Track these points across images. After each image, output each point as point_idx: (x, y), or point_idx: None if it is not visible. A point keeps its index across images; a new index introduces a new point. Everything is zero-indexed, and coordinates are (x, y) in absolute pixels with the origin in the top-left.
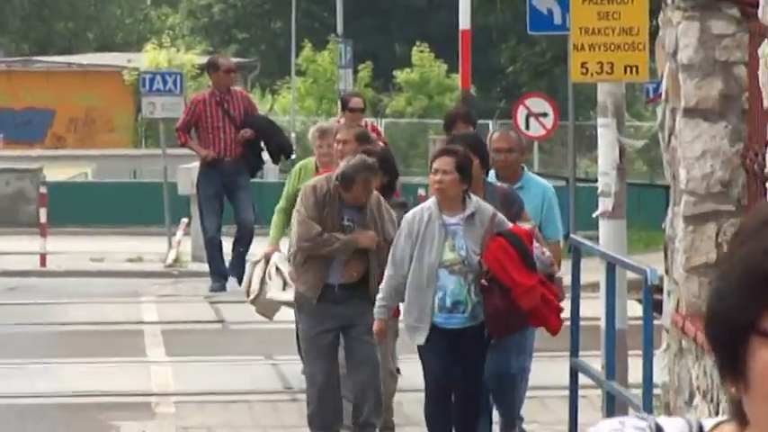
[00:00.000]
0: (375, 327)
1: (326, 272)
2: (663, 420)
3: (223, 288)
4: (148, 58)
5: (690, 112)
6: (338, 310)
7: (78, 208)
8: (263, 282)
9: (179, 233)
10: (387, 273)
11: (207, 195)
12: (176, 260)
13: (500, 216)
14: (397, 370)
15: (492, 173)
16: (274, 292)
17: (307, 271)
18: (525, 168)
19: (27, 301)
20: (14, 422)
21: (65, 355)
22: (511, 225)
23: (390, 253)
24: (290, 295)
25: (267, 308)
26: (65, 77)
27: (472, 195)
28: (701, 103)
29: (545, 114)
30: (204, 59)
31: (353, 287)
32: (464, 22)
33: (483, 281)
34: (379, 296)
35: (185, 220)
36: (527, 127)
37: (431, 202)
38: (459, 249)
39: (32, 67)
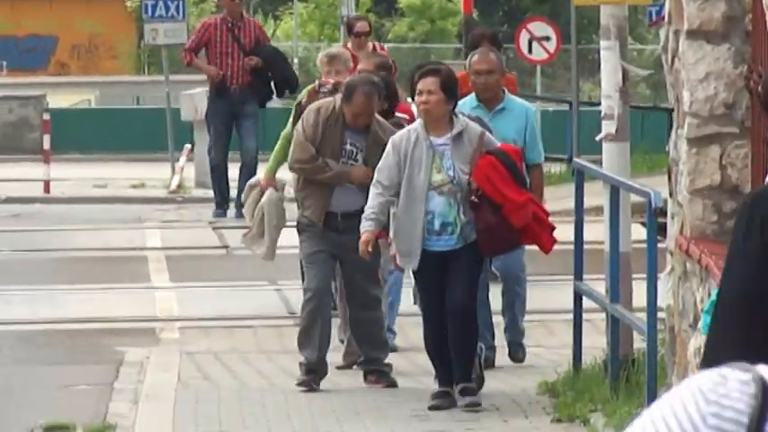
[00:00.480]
0: (363, 238)
1: (329, 199)
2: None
3: (224, 215)
4: None
5: (693, 34)
6: (340, 239)
7: (82, 135)
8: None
9: (182, 159)
10: (373, 191)
11: (215, 123)
12: (180, 186)
13: (488, 135)
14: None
15: (473, 95)
16: (251, 240)
17: (308, 196)
18: (506, 91)
19: (31, 228)
20: (18, 348)
21: (68, 282)
22: (499, 143)
23: (376, 176)
24: (262, 249)
25: (252, 245)
26: (67, 4)
27: (459, 114)
28: (705, 24)
29: (547, 38)
30: None
31: (356, 216)
32: None
33: (473, 198)
34: (366, 211)
35: (188, 146)
36: (530, 51)
37: (417, 123)
38: (447, 170)
39: None
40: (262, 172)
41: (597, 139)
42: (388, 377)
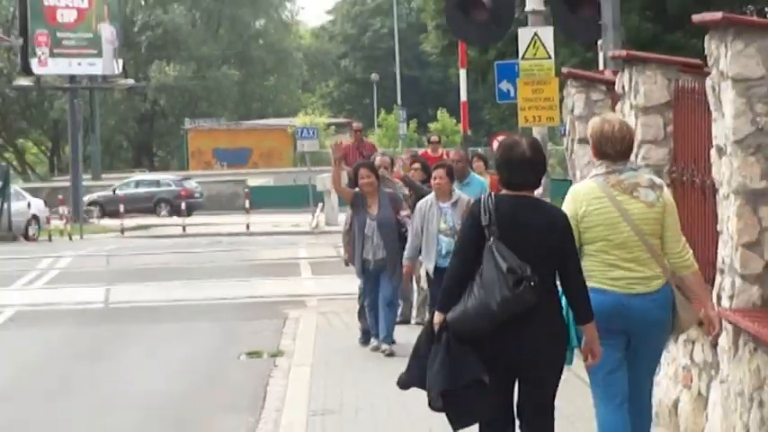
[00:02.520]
0: (405, 269)
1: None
2: None
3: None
4: (300, 120)
5: (581, 141)
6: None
7: (266, 199)
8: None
9: (317, 211)
10: (410, 238)
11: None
12: (316, 225)
13: (472, 202)
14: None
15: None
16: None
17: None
18: (471, 171)
19: (239, 249)
20: (231, 312)
21: (259, 276)
22: None
23: (410, 226)
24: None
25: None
26: (257, 131)
27: (455, 190)
28: (586, 136)
29: None
30: (330, 121)
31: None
32: (463, 96)
33: None
34: (405, 251)
35: (321, 204)
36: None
37: (431, 196)
38: (449, 222)
39: (240, 127)
40: None
41: None
42: None
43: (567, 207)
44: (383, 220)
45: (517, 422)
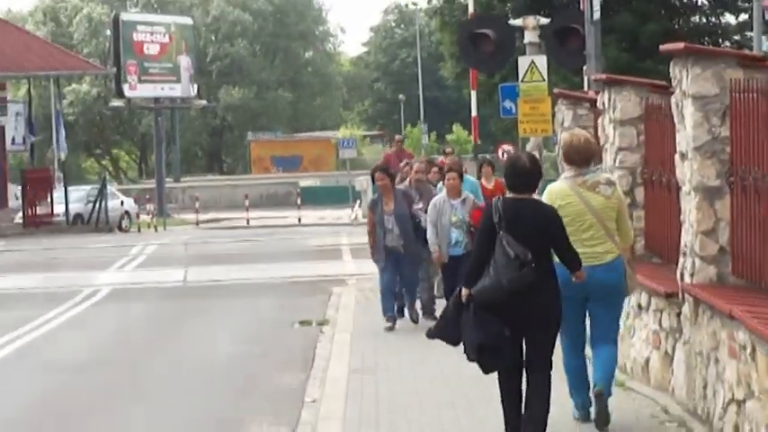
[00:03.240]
0: (435, 256)
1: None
2: None
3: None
4: (342, 132)
5: None
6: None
7: (314, 197)
8: None
9: (356, 206)
10: (429, 228)
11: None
12: (355, 218)
13: (477, 201)
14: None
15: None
16: None
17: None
18: (465, 174)
19: (290, 237)
20: (285, 289)
21: (307, 260)
22: (482, 204)
23: (428, 219)
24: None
25: None
26: (306, 142)
27: (464, 191)
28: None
29: (510, 151)
30: (365, 134)
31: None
32: (474, 112)
33: (471, 229)
34: (429, 240)
35: (358, 200)
36: (503, 156)
37: (443, 193)
38: (458, 216)
39: (293, 138)
40: None
41: None
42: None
43: (545, 201)
44: (400, 214)
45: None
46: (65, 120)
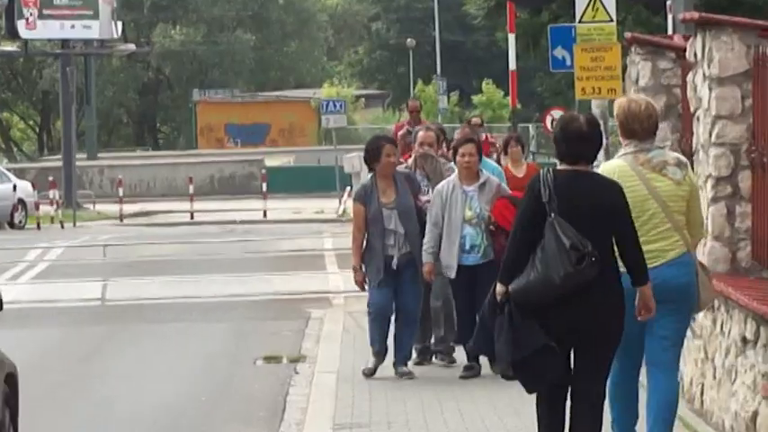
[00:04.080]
0: (426, 268)
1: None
2: None
3: None
4: (325, 91)
5: None
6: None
7: (285, 182)
8: None
9: (345, 196)
10: (428, 228)
11: None
12: (343, 212)
13: (503, 185)
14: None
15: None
16: None
17: None
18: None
19: (254, 239)
20: (248, 309)
21: (276, 270)
22: (510, 192)
23: (428, 215)
24: None
25: None
26: (275, 105)
27: (482, 170)
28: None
29: None
30: (359, 93)
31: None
32: (512, 64)
33: (491, 227)
34: (425, 246)
35: (348, 188)
36: (552, 127)
37: (453, 176)
38: (475, 208)
39: (256, 99)
40: None
41: None
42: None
43: None
44: (404, 208)
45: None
46: None
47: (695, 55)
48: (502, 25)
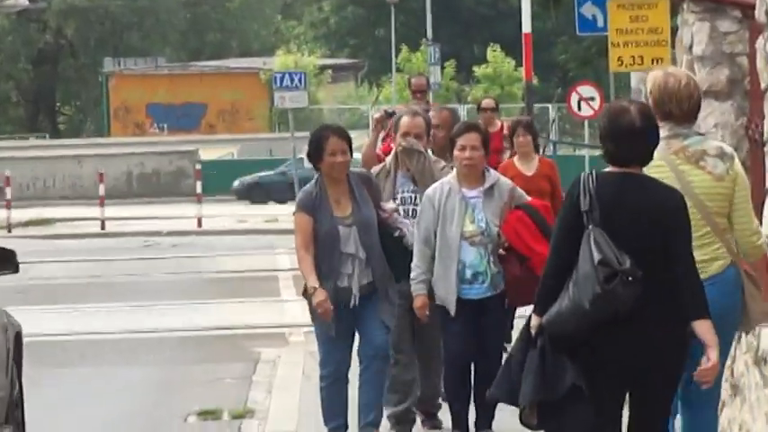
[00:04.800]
0: (417, 303)
1: None
2: None
3: None
4: (279, 61)
5: (704, 94)
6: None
7: (226, 180)
8: None
9: None
10: (416, 248)
11: None
12: None
13: (519, 190)
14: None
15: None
16: None
17: None
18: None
19: (186, 255)
20: (176, 349)
21: (216, 297)
22: (528, 198)
23: (416, 229)
24: None
25: None
26: (214, 78)
27: (490, 169)
28: (713, 86)
29: (592, 98)
30: (324, 62)
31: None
32: (526, 26)
33: (501, 250)
34: (413, 273)
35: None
36: (579, 109)
37: (450, 176)
38: (478, 221)
39: (188, 71)
40: None
41: None
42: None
43: None
44: (363, 221)
45: None
46: None
47: (767, 15)
48: None
